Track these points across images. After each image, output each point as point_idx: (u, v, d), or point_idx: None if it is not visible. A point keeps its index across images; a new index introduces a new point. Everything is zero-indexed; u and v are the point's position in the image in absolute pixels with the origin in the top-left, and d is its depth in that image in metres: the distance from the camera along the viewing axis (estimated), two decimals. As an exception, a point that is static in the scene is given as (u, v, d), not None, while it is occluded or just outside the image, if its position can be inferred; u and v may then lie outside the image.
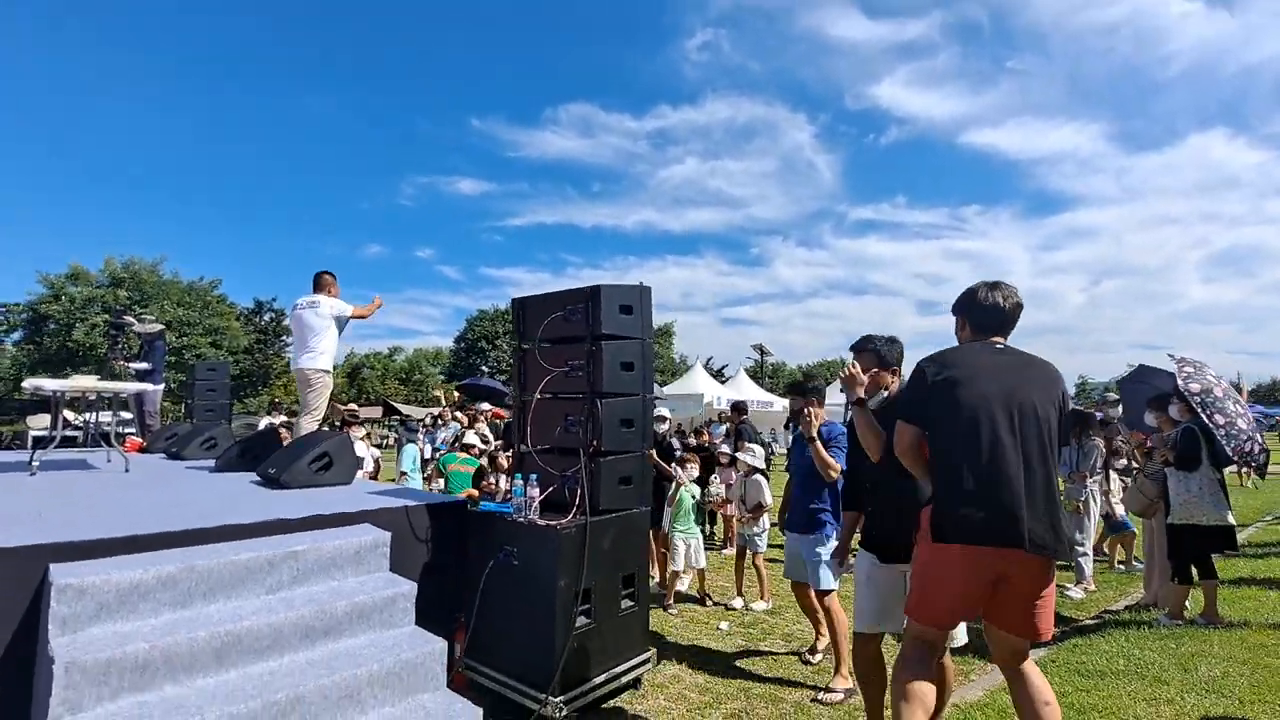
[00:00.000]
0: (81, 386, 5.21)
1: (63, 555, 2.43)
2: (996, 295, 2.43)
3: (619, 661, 3.33)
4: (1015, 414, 2.19)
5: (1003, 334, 2.45)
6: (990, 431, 2.16)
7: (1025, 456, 2.15)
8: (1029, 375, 2.30)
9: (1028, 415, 2.20)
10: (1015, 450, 2.15)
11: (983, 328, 2.45)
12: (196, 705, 2.10)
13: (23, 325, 27.15)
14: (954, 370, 2.28)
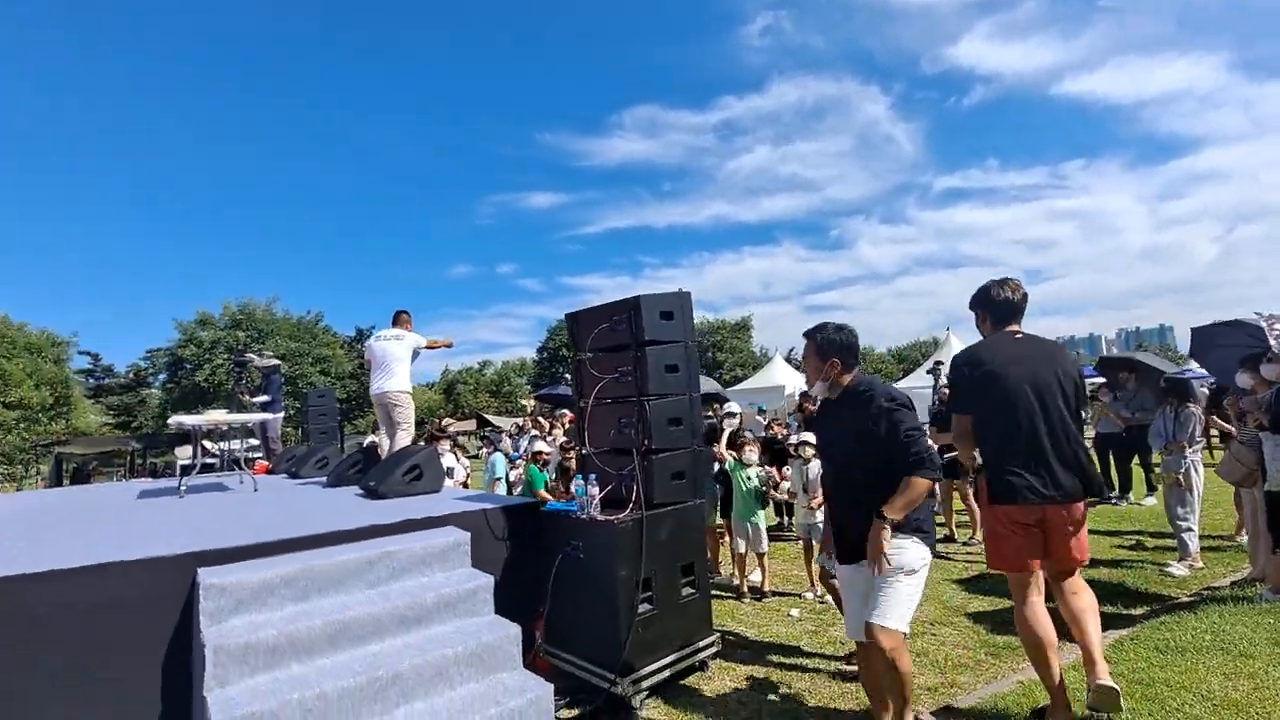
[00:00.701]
0: (214, 420, 6.02)
1: (208, 561, 2.95)
2: (1006, 291, 2.95)
3: (683, 645, 3.55)
4: (1041, 392, 2.76)
5: (1016, 321, 2.95)
6: (1024, 413, 2.73)
7: (1050, 426, 2.73)
8: (1044, 357, 2.84)
9: (1050, 390, 2.77)
10: (1043, 423, 2.73)
11: (1001, 320, 2.97)
12: (316, 680, 2.52)
13: (165, 368, 30.88)
14: (987, 365, 2.84)
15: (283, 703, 2.37)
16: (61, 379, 27.51)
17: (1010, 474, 2.69)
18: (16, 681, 2.49)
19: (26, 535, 3.85)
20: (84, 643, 2.63)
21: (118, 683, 2.67)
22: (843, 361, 2.71)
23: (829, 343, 2.73)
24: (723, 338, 45.63)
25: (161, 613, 2.82)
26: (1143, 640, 3.47)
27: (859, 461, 2.60)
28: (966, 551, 6.45)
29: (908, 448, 2.48)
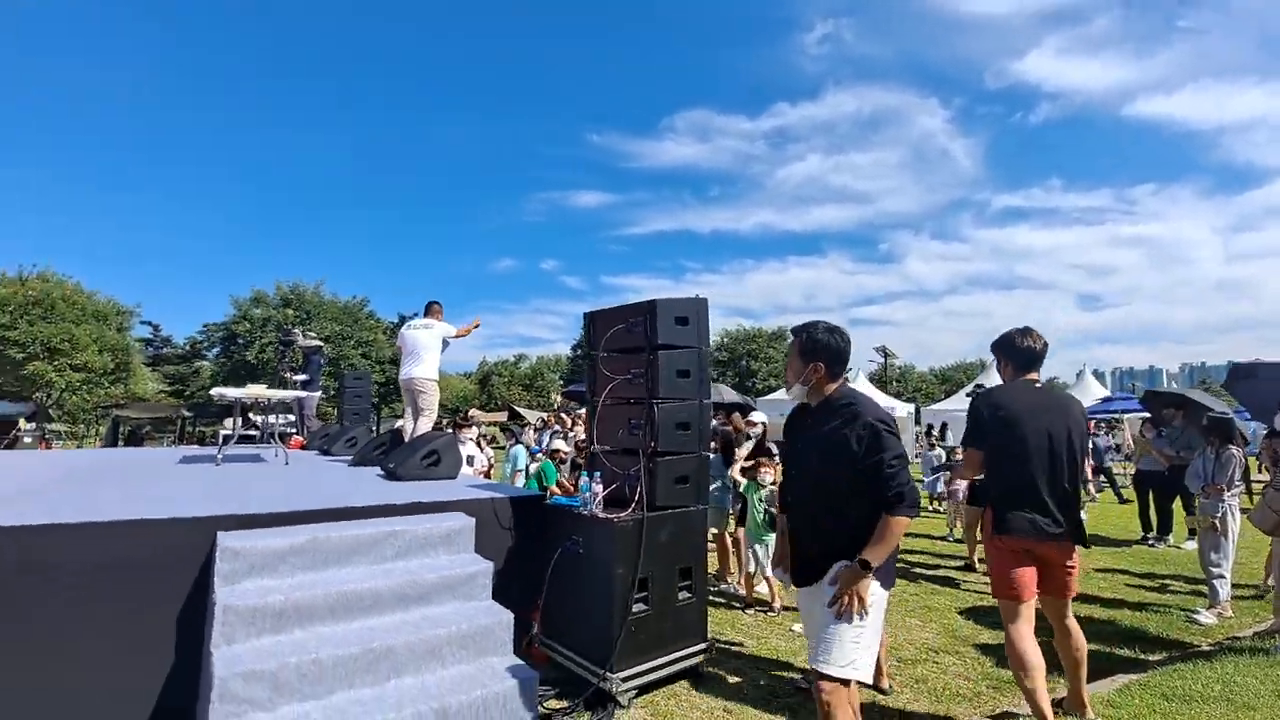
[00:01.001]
0: (253, 394, 6.31)
1: (227, 525, 3.12)
2: (1029, 340, 3.12)
3: (677, 648, 3.58)
4: (1054, 441, 2.96)
5: (1036, 370, 3.14)
6: (1038, 459, 2.93)
7: (1057, 473, 2.95)
8: (1059, 408, 3.05)
9: (1061, 440, 2.96)
10: (1052, 470, 2.94)
11: (1022, 367, 3.14)
12: (315, 646, 2.65)
13: (219, 342, 32.31)
14: (1004, 410, 3.03)
15: (281, 664, 2.50)
16: (123, 346, 29.04)
17: (1020, 511, 2.93)
18: (57, 619, 2.68)
19: (78, 490, 4.12)
20: (113, 590, 2.82)
21: (140, 629, 2.85)
22: (827, 367, 2.45)
23: (815, 344, 2.47)
24: (758, 346, 45.27)
25: (182, 569, 3.00)
26: (1151, 687, 3.34)
27: (827, 479, 2.36)
28: (984, 582, 6.28)
29: (890, 481, 2.23)
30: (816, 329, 2.50)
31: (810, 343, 2.48)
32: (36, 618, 2.67)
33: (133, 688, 2.82)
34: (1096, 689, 3.44)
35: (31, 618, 2.66)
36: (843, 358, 2.48)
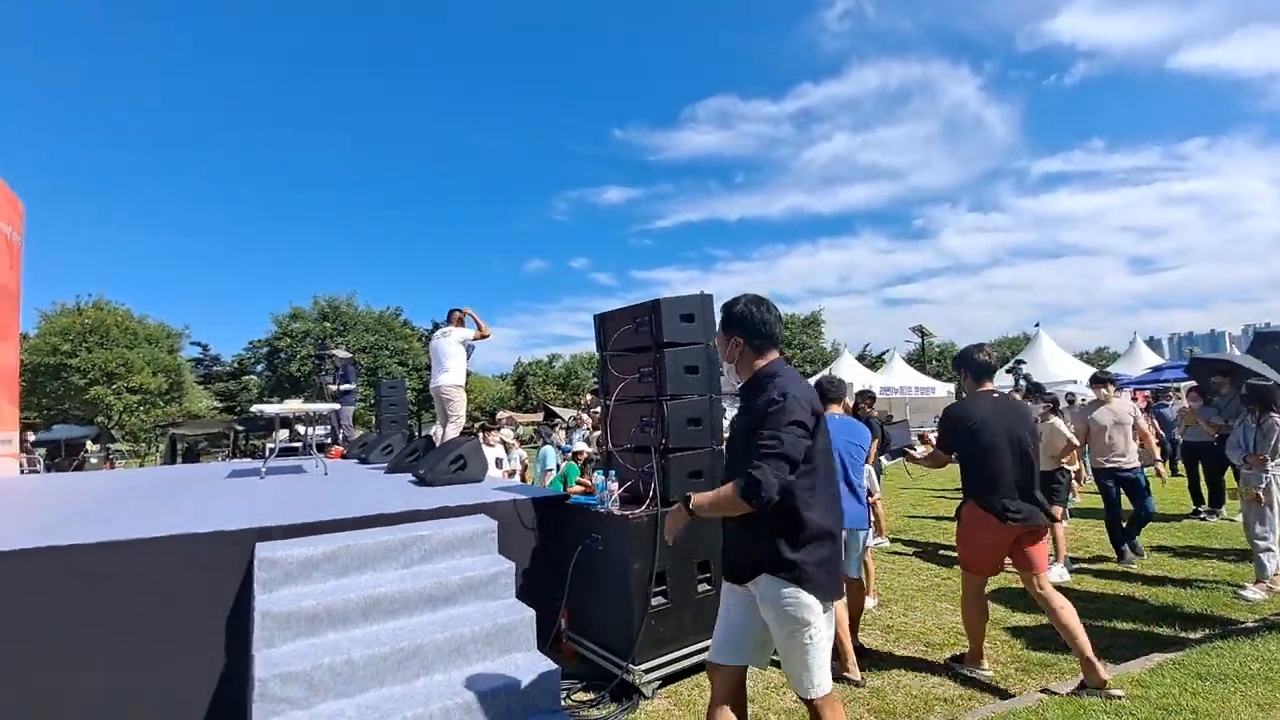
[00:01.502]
0: (290, 409, 6.59)
1: (265, 536, 3.31)
2: (984, 355, 3.75)
3: (700, 639, 3.64)
4: (1015, 442, 3.48)
5: (990, 379, 3.73)
6: (1006, 458, 3.46)
7: (1024, 468, 3.47)
8: (1016, 415, 3.59)
9: (1021, 440, 3.50)
10: (1014, 467, 3.46)
11: (979, 377, 3.73)
12: (347, 648, 2.81)
13: (263, 358, 33.58)
14: (972, 421, 3.56)
15: (315, 665, 2.66)
16: (175, 367, 30.41)
17: (998, 502, 3.45)
18: (118, 623, 2.90)
19: (136, 507, 4.40)
20: (167, 597, 3.02)
21: (194, 634, 3.05)
22: (746, 340, 2.28)
23: (731, 316, 2.32)
24: (791, 333, 44.73)
25: (227, 579, 3.19)
26: (1186, 665, 3.27)
27: (740, 464, 2.15)
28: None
29: (752, 455, 2.06)
30: (739, 301, 2.33)
31: (727, 315, 2.34)
32: (101, 626, 2.88)
33: (190, 686, 3.02)
34: (1128, 668, 3.39)
35: (96, 625, 2.88)
36: (762, 330, 2.27)
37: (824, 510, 2.16)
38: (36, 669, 2.74)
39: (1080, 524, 7.54)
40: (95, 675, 2.84)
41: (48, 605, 2.82)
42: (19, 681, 2.71)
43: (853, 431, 3.90)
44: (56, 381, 26.33)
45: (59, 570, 2.86)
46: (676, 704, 3.37)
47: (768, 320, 2.28)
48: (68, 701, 2.77)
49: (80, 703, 2.79)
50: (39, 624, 2.79)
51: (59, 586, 2.85)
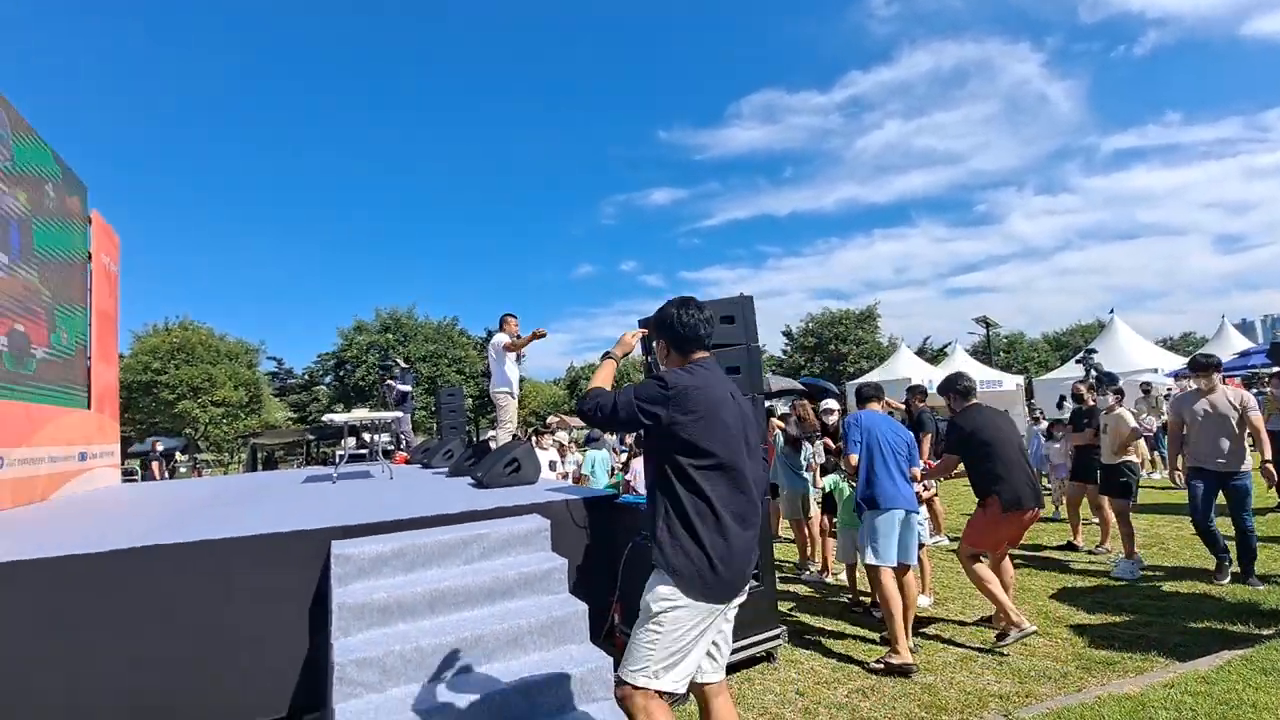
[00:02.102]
0: (356, 417, 7.02)
1: (339, 535, 3.58)
2: (966, 382, 4.38)
3: (747, 635, 3.72)
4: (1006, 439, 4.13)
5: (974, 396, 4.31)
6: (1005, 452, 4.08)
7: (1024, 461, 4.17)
8: (1006, 420, 4.26)
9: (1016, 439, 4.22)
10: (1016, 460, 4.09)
11: (966, 396, 4.33)
12: (415, 636, 3.03)
13: (331, 370, 35.34)
14: (981, 431, 4.13)
15: (387, 652, 2.89)
16: (254, 381, 32.40)
17: (1011, 490, 3.97)
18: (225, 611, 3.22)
19: (223, 511, 4.81)
20: (256, 591, 3.32)
21: (281, 623, 3.34)
22: (669, 343, 2.33)
23: (659, 319, 2.36)
24: (846, 328, 43.75)
25: (307, 574, 3.48)
26: (1254, 661, 3.14)
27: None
28: (1089, 561, 5.96)
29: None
30: (668, 304, 2.35)
31: (655, 318, 2.39)
32: (195, 616, 3.20)
33: (281, 669, 3.31)
34: (1195, 666, 3.27)
35: (191, 616, 3.20)
36: (684, 333, 2.28)
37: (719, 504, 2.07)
38: (141, 649, 3.08)
39: (1157, 520, 7.20)
40: (195, 657, 3.15)
41: (154, 597, 3.15)
42: (135, 663, 3.05)
43: (889, 424, 4.22)
44: (148, 397, 28.46)
45: (164, 566, 3.19)
46: (727, 696, 3.46)
47: (687, 323, 2.28)
48: (179, 681, 3.10)
49: (188, 683, 3.11)
50: (148, 614, 3.13)
51: (163, 581, 3.18)
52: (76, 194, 7.43)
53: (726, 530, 2.07)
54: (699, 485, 2.09)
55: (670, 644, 2.05)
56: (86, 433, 7.45)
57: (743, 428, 2.19)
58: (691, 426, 2.09)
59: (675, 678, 2.06)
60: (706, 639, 2.11)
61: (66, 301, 6.98)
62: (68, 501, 6.03)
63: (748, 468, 2.16)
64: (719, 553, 2.05)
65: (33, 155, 6.15)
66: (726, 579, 2.06)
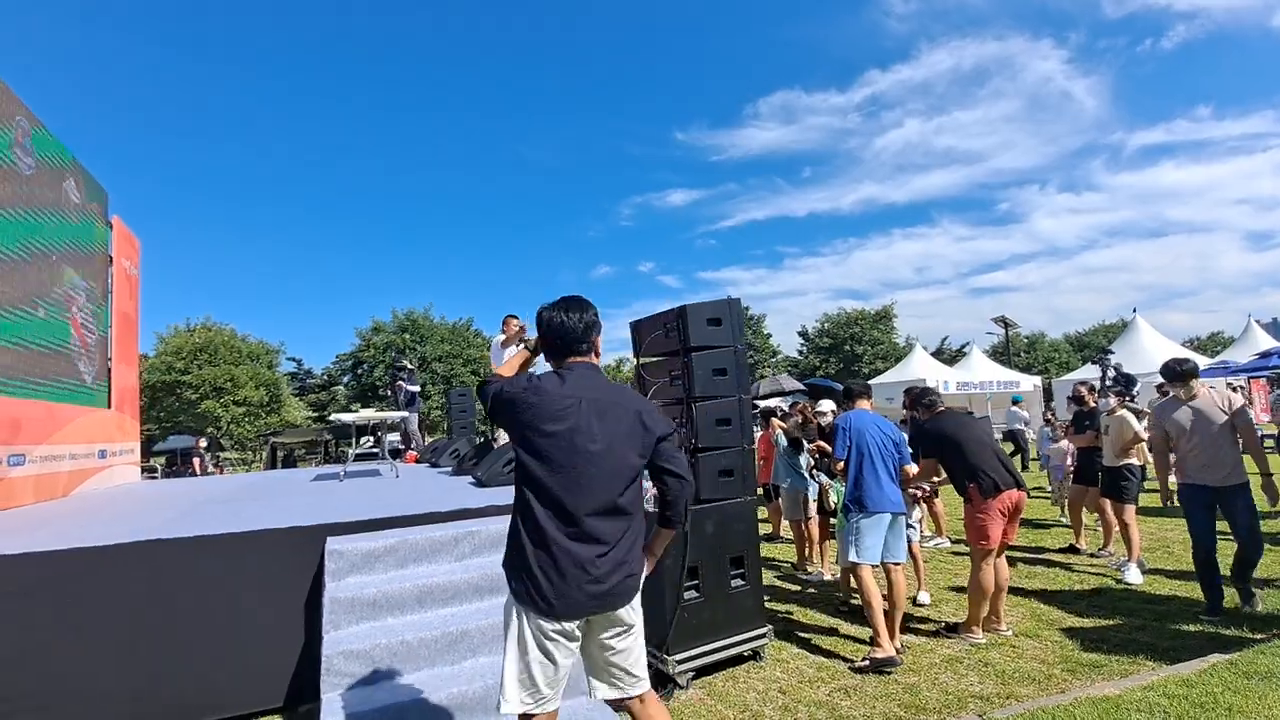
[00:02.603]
0: (364, 417, 7.18)
1: (334, 531, 3.69)
2: (930, 396, 4.56)
3: (734, 633, 3.77)
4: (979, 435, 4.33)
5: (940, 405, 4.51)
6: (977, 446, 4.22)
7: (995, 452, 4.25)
8: (970, 419, 4.55)
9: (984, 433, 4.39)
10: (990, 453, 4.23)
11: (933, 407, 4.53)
12: (402, 629, 3.13)
13: (349, 370, 35.88)
14: (952, 433, 4.31)
15: (374, 645, 2.99)
16: (274, 381, 32.96)
17: (988, 477, 4.09)
18: (224, 603, 3.35)
19: (233, 507, 4.97)
20: (253, 583, 3.45)
21: (277, 616, 3.47)
22: (545, 346, 2.26)
23: (537, 322, 2.30)
24: (861, 329, 43.42)
25: (305, 567, 3.59)
26: (1238, 666, 3.12)
27: None
28: (1090, 564, 5.91)
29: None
30: (546, 305, 2.25)
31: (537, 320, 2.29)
32: (196, 608, 3.34)
33: (277, 661, 3.43)
34: (1178, 670, 3.26)
35: (192, 608, 3.33)
36: (552, 335, 2.19)
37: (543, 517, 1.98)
38: (144, 640, 3.21)
39: (1165, 523, 7.10)
40: (196, 649, 3.28)
41: (155, 589, 3.29)
42: (129, 652, 3.18)
43: (882, 424, 4.24)
44: (172, 397, 29.13)
45: (164, 560, 3.33)
46: (710, 694, 3.52)
47: (555, 327, 2.18)
48: (177, 670, 3.23)
49: (186, 672, 3.25)
50: (148, 605, 3.26)
51: (164, 573, 3.32)
52: (97, 199, 7.68)
53: (552, 544, 1.94)
54: (525, 495, 2.02)
55: (514, 658, 2.00)
56: (107, 431, 7.70)
57: (593, 440, 2.00)
58: (518, 435, 2.05)
59: (525, 698, 1.98)
60: (560, 656, 1.99)
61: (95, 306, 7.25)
62: (86, 497, 6.24)
63: (592, 482, 1.98)
64: (543, 566, 1.94)
65: (52, 150, 6.39)
66: (557, 594, 1.93)
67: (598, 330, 2.23)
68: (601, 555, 1.97)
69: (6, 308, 5.30)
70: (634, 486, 2.06)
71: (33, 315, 5.76)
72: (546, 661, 1.98)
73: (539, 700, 1.98)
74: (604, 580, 1.97)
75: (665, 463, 2.13)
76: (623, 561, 2.01)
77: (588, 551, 1.96)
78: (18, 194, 5.56)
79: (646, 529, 2.18)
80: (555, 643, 1.98)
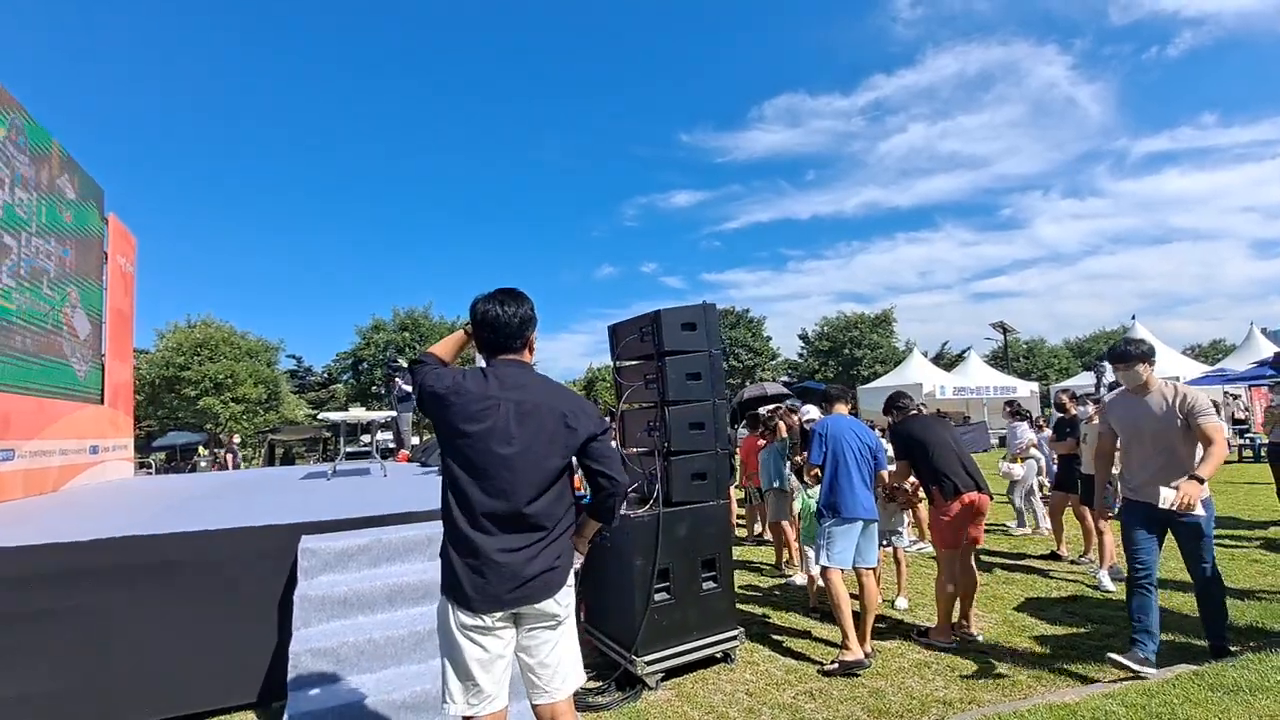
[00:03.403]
0: (354, 417, 7.21)
1: (309, 530, 3.73)
2: (904, 399, 4.69)
3: (703, 635, 3.80)
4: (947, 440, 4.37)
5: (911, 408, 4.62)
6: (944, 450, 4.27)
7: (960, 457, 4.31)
8: (938, 421, 4.63)
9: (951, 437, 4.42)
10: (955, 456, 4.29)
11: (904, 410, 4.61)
12: (371, 628, 3.17)
13: (349, 368, 36.00)
14: (919, 435, 4.37)
15: (342, 643, 3.04)
16: (273, 378, 33.03)
17: (951, 481, 4.15)
18: (199, 600, 3.39)
19: (217, 504, 5.01)
20: (229, 580, 3.49)
21: (251, 613, 3.50)
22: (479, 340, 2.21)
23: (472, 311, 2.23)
24: (861, 333, 43.43)
25: (280, 566, 3.63)
26: (1204, 677, 3.13)
27: None
28: (1069, 570, 5.94)
29: None
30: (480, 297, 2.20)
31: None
32: (171, 604, 3.37)
33: (249, 658, 3.47)
34: (1142, 679, 3.28)
35: (167, 604, 3.37)
36: (485, 329, 2.15)
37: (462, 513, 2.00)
38: (118, 636, 3.25)
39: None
40: (170, 645, 3.32)
41: (133, 584, 3.33)
42: (101, 648, 3.22)
43: (859, 429, 4.25)
44: (171, 393, 29.21)
45: (142, 555, 3.37)
46: (678, 695, 3.55)
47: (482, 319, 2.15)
48: (147, 663, 3.27)
49: (157, 667, 3.28)
50: (121, 600, 3.30)
51: (142, 569, 3.36)
52: (92, 196, 7.74)
53: (469, 542, 1.97)
54: (446, 494, 2.04)
55: (449, 655, 2.03)
56: (99, 427, 7.75)
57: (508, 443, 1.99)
58: (442, 433, 2.06)
59: (470, 699, 1.99)
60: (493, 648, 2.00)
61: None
62: (75, 492, 6.30)
63: (507, 485, 1.98)
64: (465, 564, 1.97)
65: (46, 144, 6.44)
66: (475, 589, 1.95)
67: (533, 326, 2.20)
68: (517, 554, 1.98)
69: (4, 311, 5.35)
70: (554, 490, 2.05)
71: (33, 316, 5.83)
72: (481, 652, 1.99)
73: (482, 698, 2.00)
74: (520, 576, 1.97)
75: (595, 463, 2.13)
76: (539, 558, 2.01)
77: (504, 553, 1.97)
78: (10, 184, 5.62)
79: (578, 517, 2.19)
80: (486, 634, 1.99)
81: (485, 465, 1.98)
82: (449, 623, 2.00)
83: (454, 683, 2.01)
